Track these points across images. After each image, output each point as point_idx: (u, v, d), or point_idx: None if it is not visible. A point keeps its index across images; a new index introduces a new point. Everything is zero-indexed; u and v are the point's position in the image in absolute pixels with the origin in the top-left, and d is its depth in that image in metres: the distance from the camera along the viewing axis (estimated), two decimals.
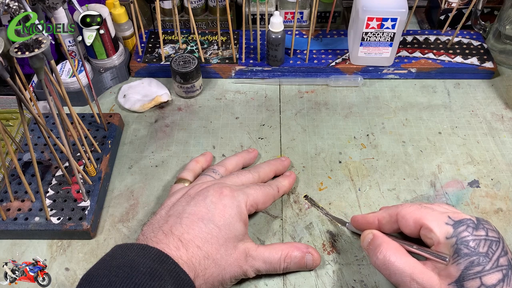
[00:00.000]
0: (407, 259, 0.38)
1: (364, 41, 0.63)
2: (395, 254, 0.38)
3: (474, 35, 0.71)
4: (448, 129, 0.60)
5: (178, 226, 0.41)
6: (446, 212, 0.38)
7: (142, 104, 0.63)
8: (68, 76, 0.62)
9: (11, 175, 0.53)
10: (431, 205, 0.40)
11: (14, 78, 0.38)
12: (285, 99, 0.65)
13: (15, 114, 0.58)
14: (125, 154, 0.58)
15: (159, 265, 0.36)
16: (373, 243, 0.41)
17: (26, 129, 0.44)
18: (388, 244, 0.39)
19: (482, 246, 0.35)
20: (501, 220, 0.50)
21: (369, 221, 0.43)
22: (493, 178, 0.54)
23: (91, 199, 0.50)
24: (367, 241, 0.42)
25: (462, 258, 0.35)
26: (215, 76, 0.69)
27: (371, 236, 0.41)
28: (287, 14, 0.73)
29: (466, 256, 0.35)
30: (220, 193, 0.44)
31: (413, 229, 0.39)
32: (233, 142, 0.59)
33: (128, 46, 0.70)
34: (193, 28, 0.68)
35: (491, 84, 0.67)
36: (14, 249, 0.49)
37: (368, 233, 0.42)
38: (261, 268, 0.43)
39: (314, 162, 0.57)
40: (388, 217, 0.41)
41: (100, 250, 0.49)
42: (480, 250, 0.35)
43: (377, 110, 0.63)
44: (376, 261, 0.39)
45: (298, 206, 0.52)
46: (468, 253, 0.35)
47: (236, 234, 0.42)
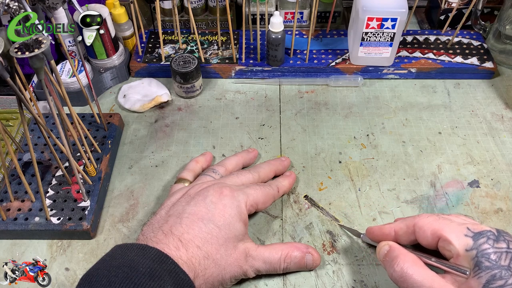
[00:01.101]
0: (425, 272, 0.36)
1: (364, 41, 0.63)
2: (413, 266, 0.37)
3: (474, 35, 0.71)
4: (448, 129, 0.60)
5: (178, 226, 0.41)
6: (464, 224, 0.37)
7: (142, 104, 0.63)
8: (68, 76, 0.62)
9: (11, 175, 0.53)
10: (449, 216, 0.39)
11: (14, 78, 0.38)
12: (285, 99, 0.65)
13: (15, 114, 0.58)
14: (125, 154, 0.58)
15: (159, 265, 0.36)
16: (389, 254, 0.39)
17: (26, 129, 0.44)
18: (406, 256, 0.38)
19: (504, 259, 0.34)
20: (501, 220, 0.50)
21: (385, 232, 0.42)
22: (493, 178, 0.54)
23: (91, 199, 0.50)
24: (383, 253, 0.40)
25: (483, 271, 0.34)
26: (215, 76, 0.69)
27: (387, 247, 0.40)
28: (287, 14, 0.73)
29: (488, 269, 0.34)
30: (220, 193, 0.44)
31: (430, 241, 0.38)
32: (233, 142, 0.60)
33: (128, 46, 0.70)
34: (193, 28, 0.68)
35: (491, 84, 0.67)
36: (14, 249, 0.49)
37: (384, 245, 0.40)
38: (261, 268, 0.43)
39: (314, 162, 0.57)
40: (405, 228, 0.40)
41: (100, 250, 0.49)
42: (502, 263, 0.34)
43: (377, 110, 0.63)
44: (393, 273, 0.38)
45: (298, 206, 0.52)
46: (490, 266, 0.34)
47: (236, 234, 0.42)
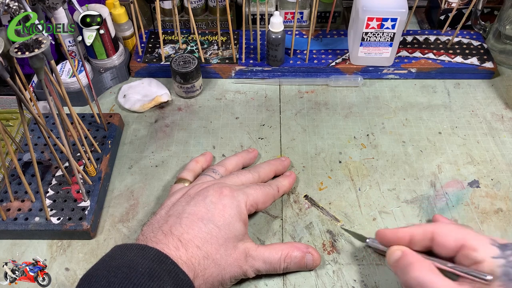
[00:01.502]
0: (443, 280, 0.36)
1: (364, 41, 0.63)
2: (430, 274, 0.36)
3: (474, 35, 0.71)
4: (448, 129, 0.60)
5: (177, 226, 0.41)
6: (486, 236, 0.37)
7: (142, 104, 0.63)
8: (68, 76, 0.62)
9: (11, 175, 0.53)
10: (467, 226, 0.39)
11: (14, 78, 0.38)
12: (285, 99, 0.65)
13: (15, 114, 0.58)
14: (125, 154, 0.58)
15: (158, 265, 0.36)
16: (402, 261, 0.38)
17: (26, 129, 0.44)
18: (422, 263, 0.37)
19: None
20: (501, 220, 0.50)
21: (400, 236, 0.41)
22: (493, 178, 0.54)
23: (91, 199, 0.50)
24: (394, 258, 0.39)
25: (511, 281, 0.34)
26: (215, 76, 0.69)
27: (399, 253, 0.39)
28: (287, 14, 0.73)
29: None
30: (220, 193, 0.44)
31: (452, 248, 0.37)
32: (233, 142, 0.60)
33: (128, 46, 0.70)
34: (193, 28, 0.68)
35: (491, 84, 0.67)
36: (14, 249, 0.49)
37: (396, 250, 0.39)
38: (261, 268, 0.43)
39: (314, 162, 0.57)
40: (422, 234, 0.39)
41: (100, 250, 0.49)
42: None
43: (377, 110, 0.63)
44: (409, 280, 0.36)
45: (298, 206, 0.52)
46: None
47: (236, 234, 0.42)
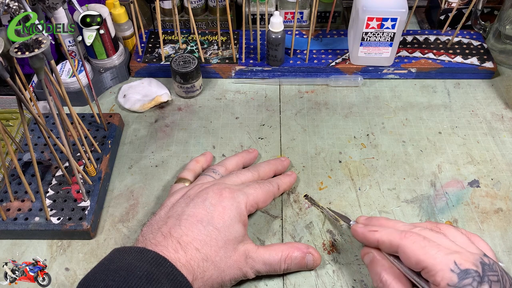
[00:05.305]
0: None
1: (364, 41, 0.63)
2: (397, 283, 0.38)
3: (474, 35, 0.71)
4: (448, 129, 0.60)
5: (177, 228, 0.41)
6: (452, 253, 0.37)
7: (142, 104, 0.63)
8: (68, 76, 0.62)
9: (11, 175, 0.53)
10: (437, 234, 0.39)
11: (14, 78, 0.38)
12: (285, 99, 0.65)
13: (15, 114, 0.58)
14: (125, 154, 0.58)
15: (156, 268, 0.36)
16: (373, 265, 0.41)
17: (26, 129, 0.44)
18: (389, 271, 0.39)
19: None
20: (501, 220, 0.50)
21: (369, 240, 0.42)
22: (493, 178, 0.54)
23: (91, 199, 0.50)
24: (367, 260, 0.42)
25: None
26: (215, 76, 0.68)
27: (371, 255, 0.41)
28: (287, 14, 0.73)
29: None
30: (219, 195, 0.44)
31: (414, 267, 0.38)
32: (233, 142, 0.59)
33: (128, 46, 0.70)
34: (193, 28, 0.68)
35: (491, 84, 0.67)
36: (14, 249, 0.49)
37: (369, 252, 0.42)
38: (261, 269, 0.43)
39: (314, 161, 0.57)
40: (389, 245, 0.40)
41: (100, 250, 0.49)
42: None
43: (377, 110, 0.63)
44: (379, 285, 0.39)
45: (298, 205, 0.52)
46: None
47: (235, 236, 0.42)
